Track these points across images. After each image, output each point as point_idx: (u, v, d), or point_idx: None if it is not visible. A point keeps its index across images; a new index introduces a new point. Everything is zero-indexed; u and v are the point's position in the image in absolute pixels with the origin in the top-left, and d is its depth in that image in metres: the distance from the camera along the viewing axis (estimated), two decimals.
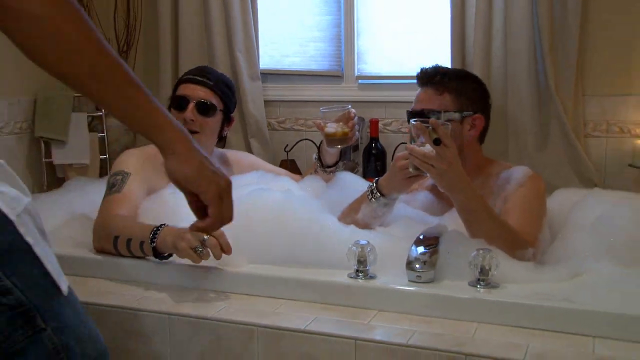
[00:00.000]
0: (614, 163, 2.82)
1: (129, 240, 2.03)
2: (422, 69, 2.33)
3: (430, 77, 2.29)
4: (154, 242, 1.96)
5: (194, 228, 1.50)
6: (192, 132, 2.35)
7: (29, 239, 1.26)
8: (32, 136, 3.27)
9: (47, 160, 3.30)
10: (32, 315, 1.26)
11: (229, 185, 1.47)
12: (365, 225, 2.16)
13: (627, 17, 2.74)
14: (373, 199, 2.15)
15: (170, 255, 1.98)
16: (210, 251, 1.87)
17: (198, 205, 1.46)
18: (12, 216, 1.25)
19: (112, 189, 2.26)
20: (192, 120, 2.40)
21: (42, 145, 3.29)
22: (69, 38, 1.22)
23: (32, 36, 1.20)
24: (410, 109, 2.29)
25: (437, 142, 1.88)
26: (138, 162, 2.38)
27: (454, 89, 2.26)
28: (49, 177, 3.34)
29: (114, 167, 2.37)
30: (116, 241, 2.06)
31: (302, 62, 3.34)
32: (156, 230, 1.97)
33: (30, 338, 1.25)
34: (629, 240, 1.97)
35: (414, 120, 1.97)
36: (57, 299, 1.30)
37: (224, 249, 1.88)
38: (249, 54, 3.22)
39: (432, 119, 1.95)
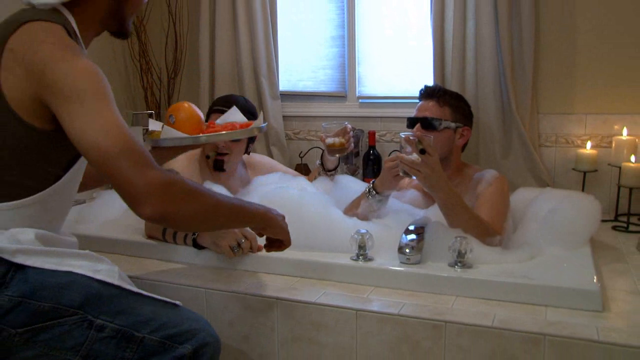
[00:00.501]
0: (561, 167, 2.81)
1: (175, 232, 2.02)
2: (426, 86, 2.33)
3: (434, 92, 2.28)
4: (194, 235, 1.96)
5: (270, 251, 1.70)
6: (224, 154, 2.32)
7: (133, 289, 1.41)
8: None
9: None
10: (129, 334, 1.35)
11: (284, 219, 1.64)
12: (364, 218, 2.14)
13: (571, 52, 2.74)
14: (370, 197, 2.13)
15: (204, 247, 1.97)
16: (243, 251, 1.90)
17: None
18: (115, 282, 1.39)
19: None
20: (224, 145, 2.34)
21: None
22: (209, 216, 1.35)
23: (186, 227, 1.40)
24: (412, 116, 2.28)
25: (422, 152, 1.87)
26: (185, 162, 2.35)
27: (452, 104, 2.26)
28: None
29: (165, 166, 2.33)
30: (165, 231, 2.05)
31: (314, 85, 3.31)
32: None
33: (136, 349, 1.35)
34: (572, 228, 1.97)
35: (403, 134, 1.95)
36: (163, 310, 1.42)
37: (254, 250, 1.92)
38: (271, 79, 3.21)
39: (418, 133, 1.94)
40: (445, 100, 2.26)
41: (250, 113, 2.43)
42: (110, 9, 1.49)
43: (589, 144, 2.70)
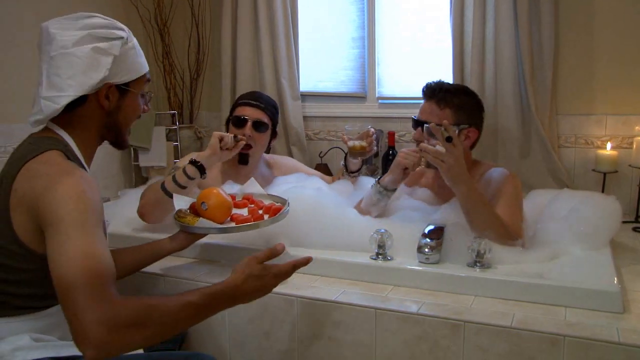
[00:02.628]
0: (580, 168, 2.78)
1: (174, 176, 2.04)
2: (427, 84, 2.17)
3: (434, 92, 2.11)
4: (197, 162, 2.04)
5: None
6: (248, 146, 2.34)
7: None
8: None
9: (135, 163, 3.33)
10: None
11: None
12: (367, 212, 2.10)
13: (589, 54, 2.71)
14: (372, 187, 2.10)
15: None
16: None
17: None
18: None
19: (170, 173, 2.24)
20: (250, 135, 2.37)
21: (132, 151, 3.32)
22: (168, 329, 1.28)
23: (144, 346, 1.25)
24: (415, 117, 2.16)
25: (449, 140, 1.82)
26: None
27: (455, 104, 2.08)
28: (136, 176, 3.37)
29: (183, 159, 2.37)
30: (164, 184, 2.05)
31: (334, 85, 3.31)
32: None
33: None
34: (592, 229, 1.94)
35: (427, 125, 1.92)
36: None
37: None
38: (291, 80, 3.21)
39: (445, 121, 1.87)
40: (446, 102, 2.08)
41: (275, 109, 2.50)
42: (104, 123, 1.57)
43: (609, 145, 2.67)
